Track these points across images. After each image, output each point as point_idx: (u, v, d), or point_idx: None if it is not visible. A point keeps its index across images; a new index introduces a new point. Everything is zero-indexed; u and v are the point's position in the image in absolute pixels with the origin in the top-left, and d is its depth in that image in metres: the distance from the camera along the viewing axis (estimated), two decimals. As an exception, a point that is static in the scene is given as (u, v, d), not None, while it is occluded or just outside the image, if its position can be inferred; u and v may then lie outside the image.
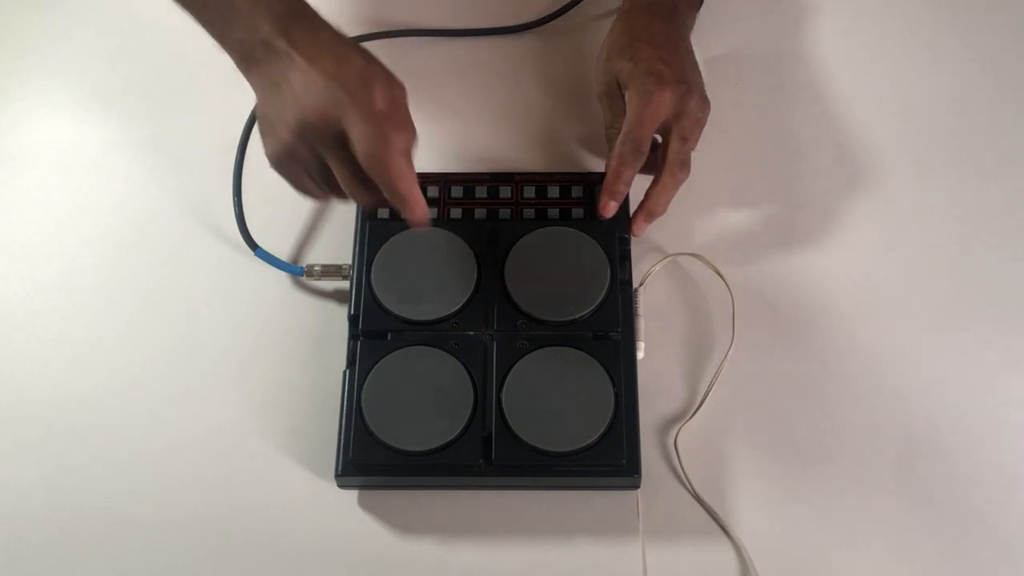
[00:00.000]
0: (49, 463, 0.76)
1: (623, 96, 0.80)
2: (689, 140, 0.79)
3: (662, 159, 0.80)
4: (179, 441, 0.77)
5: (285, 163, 0.70)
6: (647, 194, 0.80)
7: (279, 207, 0.84)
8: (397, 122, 0.68)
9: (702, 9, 0.89)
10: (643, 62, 0.80)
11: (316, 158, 0.69)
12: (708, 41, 0.90)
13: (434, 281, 0.78)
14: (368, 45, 0.91)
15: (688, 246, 0.83)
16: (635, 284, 0.80)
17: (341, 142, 0.67)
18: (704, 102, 0.81)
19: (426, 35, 0.93)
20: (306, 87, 0.66)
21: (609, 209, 0.79)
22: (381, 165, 0.67)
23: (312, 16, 0.70)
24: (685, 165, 0.79)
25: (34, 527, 0.74)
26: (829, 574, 0.72)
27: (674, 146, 0.79)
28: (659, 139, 0.81)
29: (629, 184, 0.79)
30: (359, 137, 0.66)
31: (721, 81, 0.88)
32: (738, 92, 0.90)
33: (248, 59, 0.70)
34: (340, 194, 0.71)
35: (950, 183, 0.86)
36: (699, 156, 0.81)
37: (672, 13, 0.85)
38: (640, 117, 0.78)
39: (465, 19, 0.94)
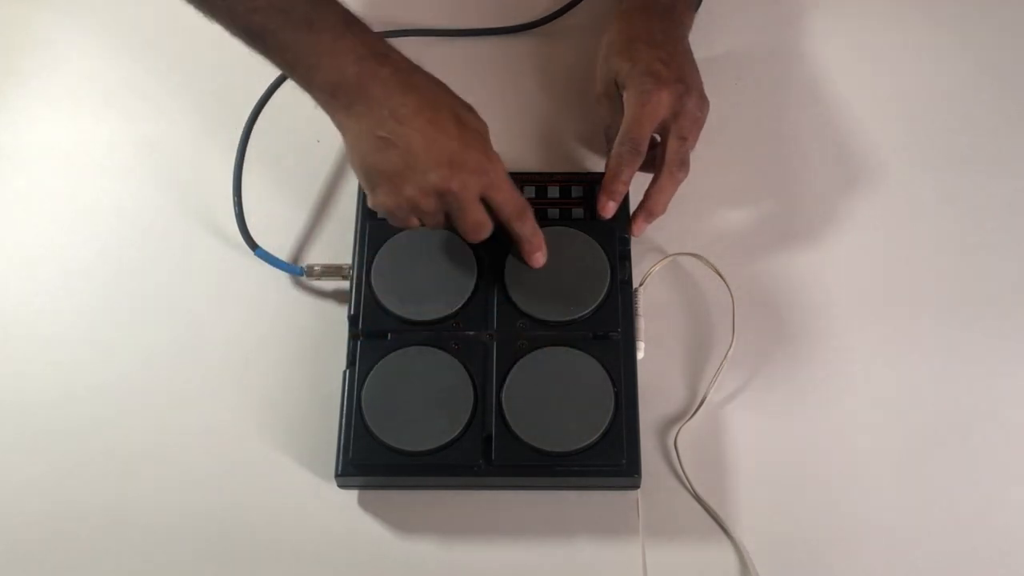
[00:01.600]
0: (48, 463, 0.76)
1: (622, 96, 0.80)
2: (688, 139, 0.79)
3: (660, 159, 0.80)
4: (179, 441, 0.77)
5: (402, 216, 0.73)
6: (646, 194, 0.80)
7: (279, 207, 0.84)
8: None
9: (702, 9, 0.89)
10: (641, 62, 0.80)
11: (441, 211, 0.72)
12: (708, 41, 0.89)
13: (434, 281, 0.78)
14: (368, 45, 0.92)
15: (688, 246, 0.83)
16: (635, 284, 0.80)
17: (476, 201, 0.71)
18: (703, 101, 0.81)
19: (426, 35, 0.93)
20: (439, 154, 0.69)
21: (608, 209, 0.79)
22: (525, 224, 0.74)
23: (391, 54, 0.71)
24: (684, 165, 0.79)
25: (33, 527, 0.74)
26: (829, 574, 0.72)
27: (672, 146, 0.79)
28: (658, 138, 0.81)
29: (628, 184, 0.79)
30: (505, 202, 0.73)
31: (721, 81, 0.87)
32: (738, 92, 0.90)
33: (336, 102, 0.70)
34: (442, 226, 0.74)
35: (950, 182, 0.86)
36: (699, 156, 0.81)
37: (670, 13, 0.85)
38: (638, 117, 0.78)
39: (465, 19, 0.94)
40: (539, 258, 0.77)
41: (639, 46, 0.81)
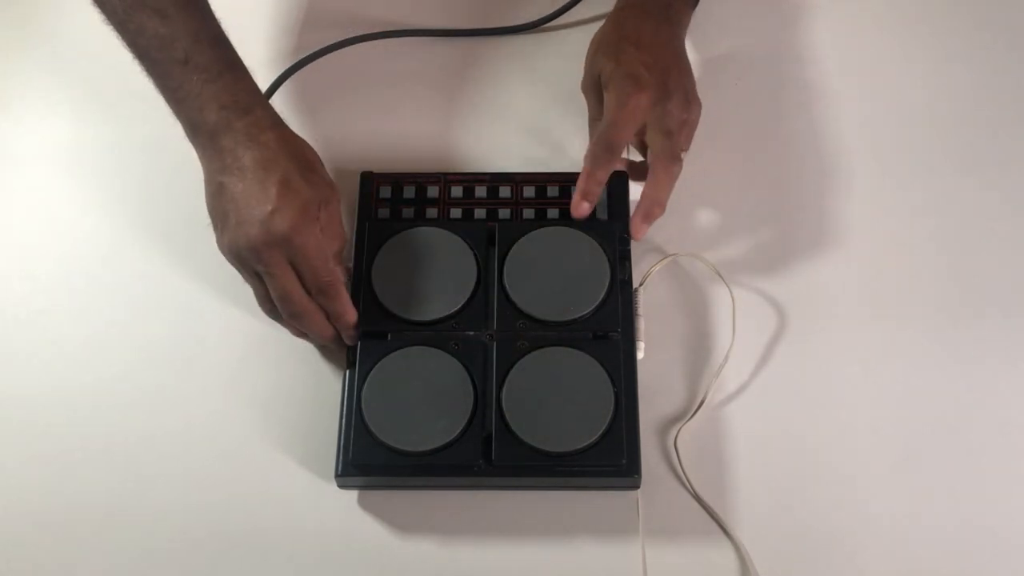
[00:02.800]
0: (48, 463, 0.76)
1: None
2: (673, 135, 0.79)
3: (652, 156, 0.80)
4: (179, 441, 0.77)
5: (233, 263, 0.75)
6: (642, 193, 0.80)
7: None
8: (332, 234, 0.75)
9: (702, 9, 0.89)
10: (624, 64, 0.80)
11: (253, 272, 0.74)
12: (708, 41, 0.89)
13: (434, 281, 0.78)
14: (368, 45, 0.92)
15: (688, 246, 0.83)
16: (635, 284, 0.80)
17: (284, 267, 0.73)
18: (688, 104, 0.80)
19: (425, 35, 0.93)
20: (253, 213, 0.71)
21: (581, 209, 0.79)
22: (330, 300, 0.74)
23: (255, 109, 0.74)
24: (676, 159, 0.79)
25: (34, 527, 0.74)
26: (829, 574, 0.72)
27: (657, 139, 0.79)
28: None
29: (602, 184, 0.79)
30: (307, 274, 0.73)
31: (721, 81, 0.88)
32: (738, 92, 0.90)
33: (194, 139, 0.74)
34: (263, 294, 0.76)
35: (951, 183, 0.86)
36: (698, 156, 0.81)
37: (665, 12, 0.84)
38: (615, 119, 0.78)
39: (464, 19, 0.94)
40: (350, 337, 0.76)
41: (626, 47, 0.81)
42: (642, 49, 0.81)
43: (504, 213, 0.81)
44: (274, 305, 0.75)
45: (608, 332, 0.76)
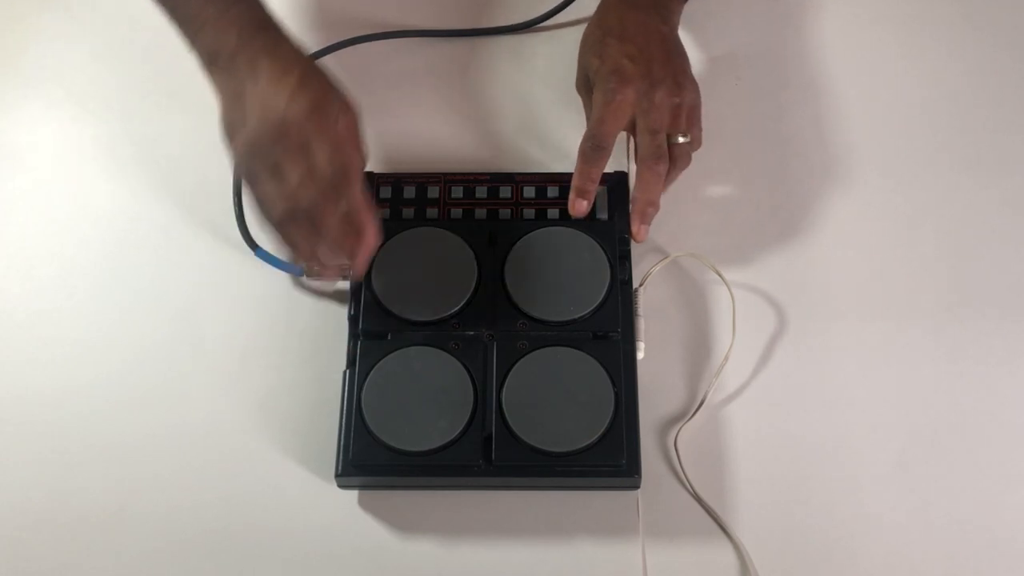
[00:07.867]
0: (48, 463, 0.76)
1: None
2: (660, 134, 0.79)
3: (637, 157, 0.80)
4: (179, 441, 0.77)
5: (244, 172, 0.72)
6: (632, 196, 0.80)
7: (279, 207, 0.84)
8: (354, 146, 0.71)
9: (703, 9, 0.89)
10: (609, 60, 0.80)
11: (266, 173, 0.70)
12: (708, 41, 0.89)
13: (434, 281, 0.78)
14: (367, 45, 0.92)
15: (688, 246, 0.83)
16: (635, 284, 0.80)
17: (301, 158, 0.69)
18: (679, 88, 0.79)
19: (425, 35, 0.93)
20: (268, 102, 0.69)
21: (577, 207, 0.79)
22: (346, 184, 0.70)
23: (275, 28, 0.73)
24: (661, 157, 0.79)
25: (34, 528, 0.74)
26: (829, 574, 0.72)
27: (643, 140, 0.79)
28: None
29: (596, 182, 0.79)
30: (324, 157, 0.69)
31: (721, 81, 0.87)
32: (738, 92, 0.90)
33: (212, 65, 0.73)
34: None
35: (951, 182, 0.86)
36: (699, 156, 0.81)
37: (652, 3, 0.84)
38: (602, 116, 0.78)
39: (464, 19, 0.94)
40: (363, 249, 0.72)
41: (610, 41, 0.81)
42: (625, 41, 0.81)
43: (504, 213, 0.81)
44: (288, 207, 0.70)
45: (608, 332, 0.76)
